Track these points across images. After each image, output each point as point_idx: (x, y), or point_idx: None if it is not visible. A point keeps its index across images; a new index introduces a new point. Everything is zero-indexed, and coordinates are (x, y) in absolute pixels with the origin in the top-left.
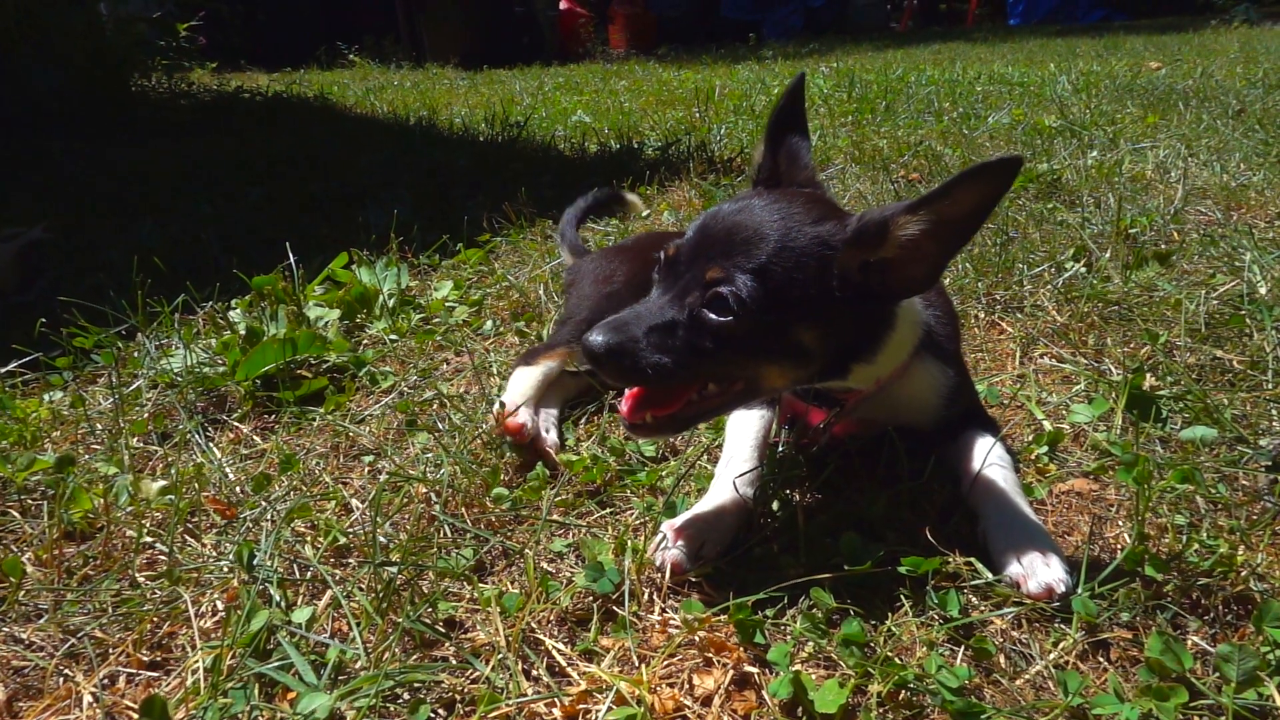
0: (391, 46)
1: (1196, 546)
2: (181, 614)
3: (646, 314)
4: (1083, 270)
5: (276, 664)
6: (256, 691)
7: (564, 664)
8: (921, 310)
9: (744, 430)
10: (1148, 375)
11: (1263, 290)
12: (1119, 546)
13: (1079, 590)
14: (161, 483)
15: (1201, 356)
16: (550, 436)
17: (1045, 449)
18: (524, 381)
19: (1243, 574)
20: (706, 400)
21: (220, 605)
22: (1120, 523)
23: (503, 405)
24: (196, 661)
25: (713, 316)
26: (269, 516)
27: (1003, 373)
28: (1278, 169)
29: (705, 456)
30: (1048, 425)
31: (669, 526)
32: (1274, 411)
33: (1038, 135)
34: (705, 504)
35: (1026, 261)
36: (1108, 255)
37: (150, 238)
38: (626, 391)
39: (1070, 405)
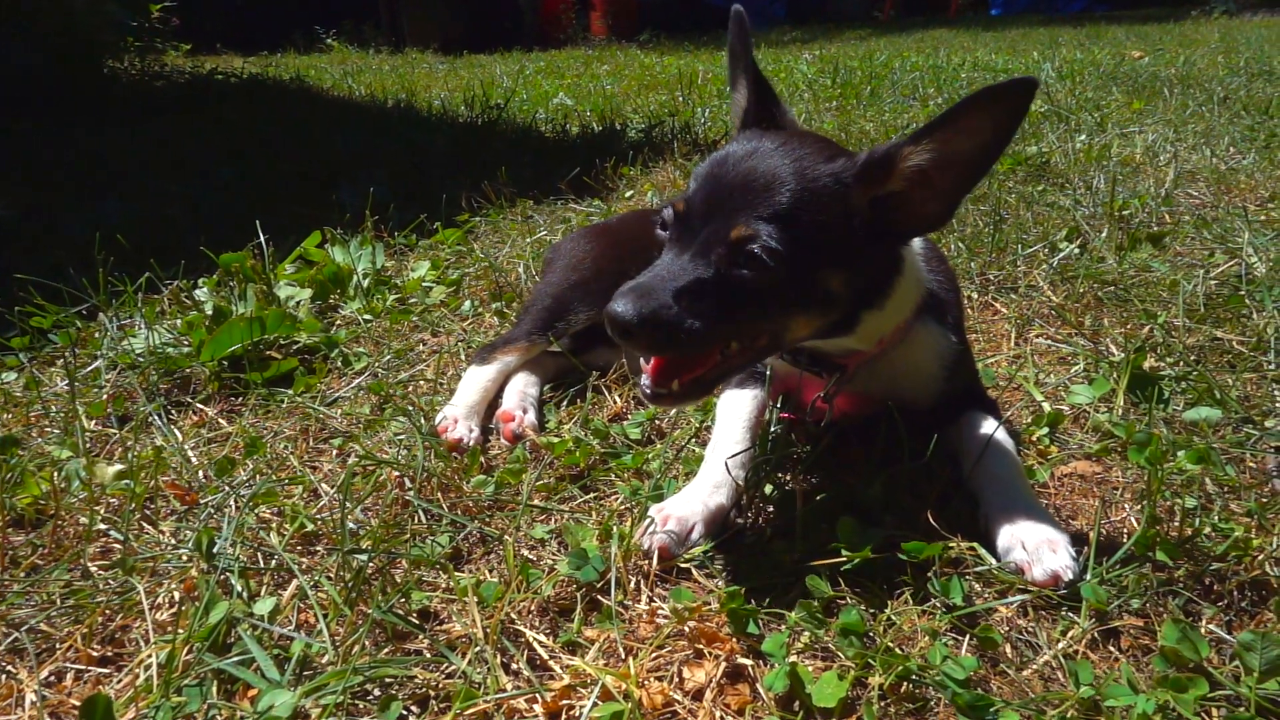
0: (371, 31)
1: (1208, 530)
2: (135, 606)
3: (670, 275)
4: (1076, 251)
5: (236, 659)
6: (214, 689)
7: (546, 657)
8: (924, 271)
9: (735, 410)
10: (1148, 356)
11: (1260, 271)
12: (1126, 531)
13: (1087, 576)
14: (118, 467)
15: (1200, 337)
16: (529, 418)
17: (1046, 431)
18: (475, 384)
19: (1259, 559)
20: (730, 360)
21: (178, 596)
22: (1126, 506)
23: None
24: (149, 656)
25: (745, 274)
26: (232, 502)
27: (999, 353)
28: (1266, 153)
29: (694, 440)
30: (1047, 406)
31: (657, 510)
32: (1276, 393)
33: (1024, 119)
34: (695, 487)
35: (1020, 242)
36: (1104, 235)
37: (115, 216)
38: (643, 362)
39: (1069, 386)
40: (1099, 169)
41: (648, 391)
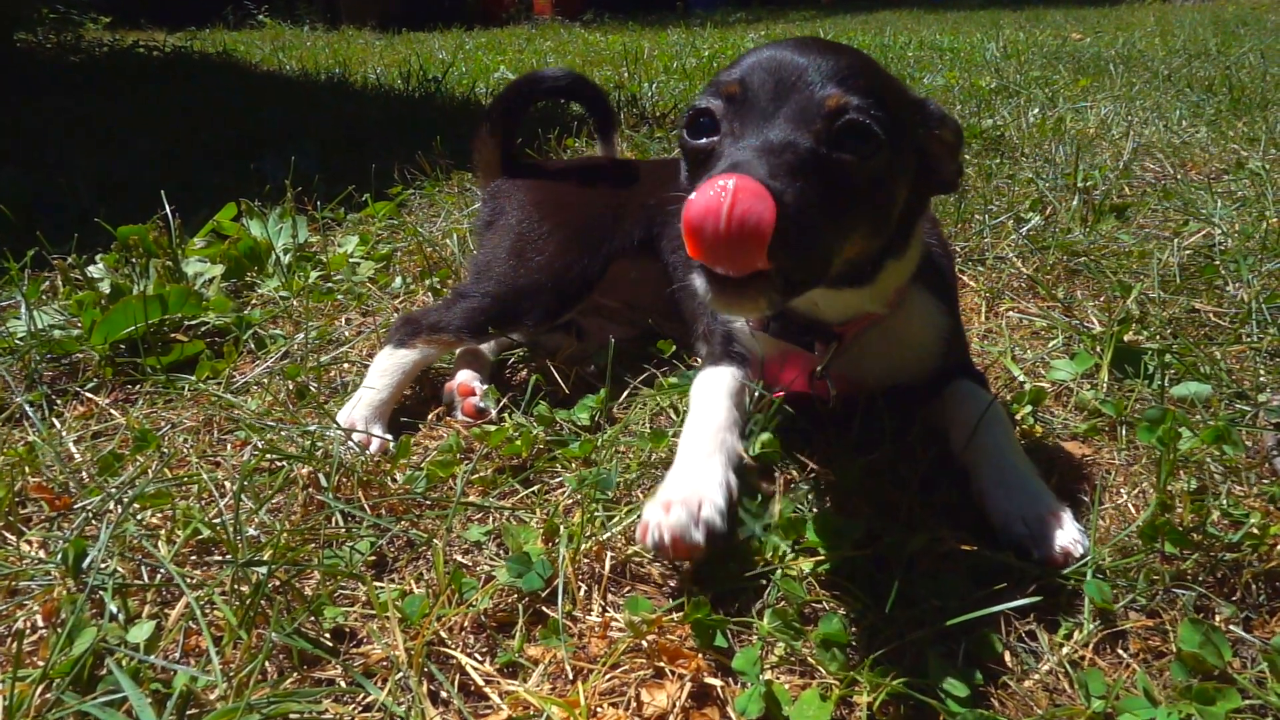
0: (304, 7)
1: (1215, 516)
2: None
3: (763, 149)
4: (1041, 222)
5: (104, 698)
6: None
7: (481, 682)
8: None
9: (716, 385)
10: (1129, 329)
11: (1227, 242)
12: (1125, 519)
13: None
14: None
15: (1177, 309)
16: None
17: (1029, 409)
18: (388, 374)
19: (1277, 548)
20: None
21: (39, 622)
22: (1122, 491)
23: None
24: None
25: (846, 156)
26: (114, 506)
27: (970, 327)
28: (1216, 128)
29: (648, 425)
30: (1027, 384)
31: (654, 503)
32: (1262, 367)
33: (975, 96)
34: (683, 467)
35: (986, 213)
36: (1076, 202)
37: (7, 188)
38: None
39: (1048, 361)
40: (1055, 142)
41: (721, 287)
